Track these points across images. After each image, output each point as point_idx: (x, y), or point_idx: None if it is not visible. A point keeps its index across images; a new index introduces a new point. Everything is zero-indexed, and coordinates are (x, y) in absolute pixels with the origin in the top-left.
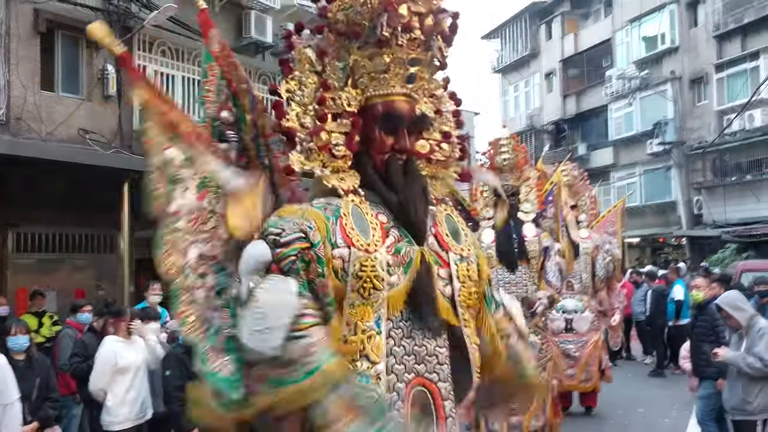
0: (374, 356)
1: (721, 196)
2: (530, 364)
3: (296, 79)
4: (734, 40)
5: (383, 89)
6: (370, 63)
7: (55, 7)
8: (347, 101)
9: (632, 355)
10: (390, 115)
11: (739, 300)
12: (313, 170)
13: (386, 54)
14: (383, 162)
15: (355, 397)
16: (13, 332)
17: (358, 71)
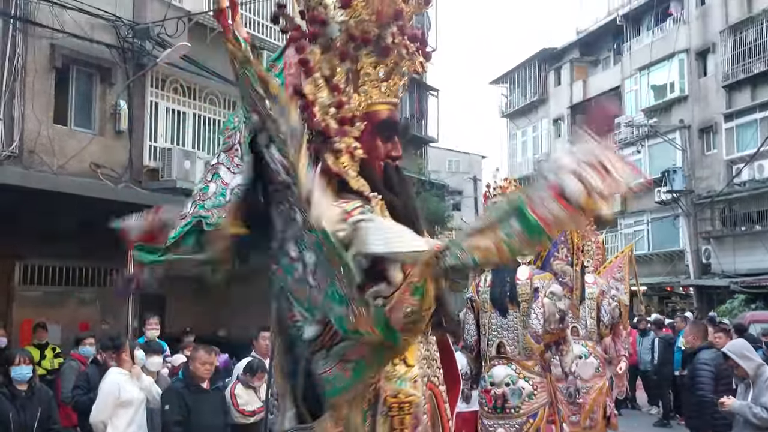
0: (411, 359)
1: (730, 246)
2: None
3: (314, 81)
4: (744, 91)
5: (383, 97)
6: (374, 71)
7: (72, 43)
8: (357, 106)
9: (637, 404)
10: (389, 123)
11: (746, 349)
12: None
13: (388, 63)
14: (380, 168)
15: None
16: (17, 362)
17: (362, 78)
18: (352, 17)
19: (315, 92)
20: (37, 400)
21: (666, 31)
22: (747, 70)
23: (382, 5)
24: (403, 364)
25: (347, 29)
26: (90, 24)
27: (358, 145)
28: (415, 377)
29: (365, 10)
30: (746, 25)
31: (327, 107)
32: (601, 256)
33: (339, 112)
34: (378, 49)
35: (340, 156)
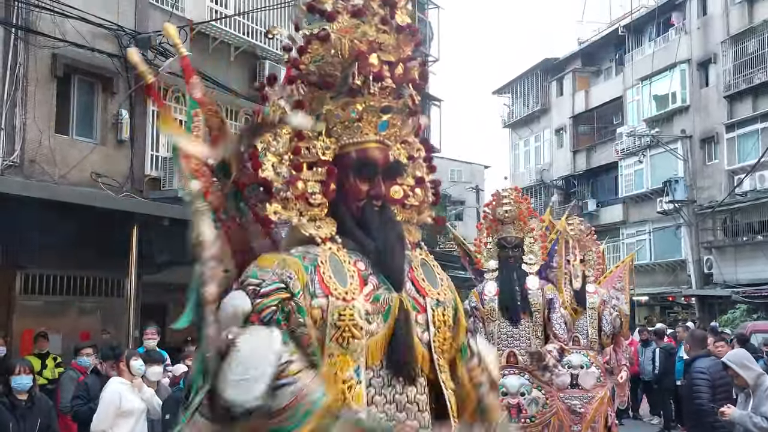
0: (356, 406)
1: (732, 256)
2: (497, 415)
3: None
4: (745, 101)
5: (357, 137)
6: (343, 112)
7: (73, 52)
8: (322, 150)
9: (639, 414)
10: (364, 162)
11: (747, 359)
12: (290, 219)
13: (359, 103)
14: (359, 209)
15: (359, 420)
16: (17, 371)
17: (331, 120)
18: (312, 61)
19: (269, 141)
20: (37, 410)
21: (668, 41)
22: (748, 80)
23: (342, 46)
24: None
25: (307, 74)
26: (92, 33)
27: (316, 190)
28: None
29: (326, 52)
30: (747, 36)
31: (282, 155)
32: (602, 266)
33: (296, 159)
34: (344, 90)
35: (288, 204)
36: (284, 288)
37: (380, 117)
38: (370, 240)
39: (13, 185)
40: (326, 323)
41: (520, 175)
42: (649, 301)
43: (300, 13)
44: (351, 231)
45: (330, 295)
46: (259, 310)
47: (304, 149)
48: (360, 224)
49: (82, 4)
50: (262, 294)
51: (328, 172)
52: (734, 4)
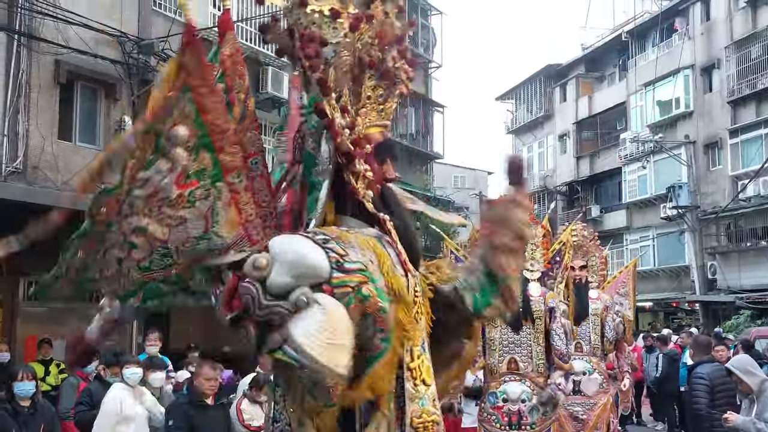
0: (429, 379)
1: (736, 262)
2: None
3: (329, 102)
4: (749, 106)
5: (380, 120)
6: (374, 93)
7: (76, 59)
8: (364, 127)
9: (642, 420)
10: (386, 145)
11: (750, 365)
12: (363, 193)
13: (385, 86)
14: (378, 191)
15: None
16: (20, 378)
17: (363, 100)
18: (357, 40)
19: (332, 113)
20: (39, 417)
21: (671, 47)
22: (752, 85)
23: (383, 28)
24: (423, 384)
25: (354, 52)
26: (94, 40)
27: (368, 168)
28: (434, 396)
29: (368, 33)
30: (751, 41)
31: (343, 128)
32: (605, 272)
33: (352, 134)
34: (378, 72)
35: (357, 179)
36: (364, 270)
37: (395, 102)
38: (395, 219)
39: (17, 192)
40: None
41: None
42: (652, 306)
43: None
44: (379, 211)
45: (409, 273)
46: (336, 285)
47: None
48: (385, 205)
49: (85, 11)
50: (345, 269)
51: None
52: (738, 9)
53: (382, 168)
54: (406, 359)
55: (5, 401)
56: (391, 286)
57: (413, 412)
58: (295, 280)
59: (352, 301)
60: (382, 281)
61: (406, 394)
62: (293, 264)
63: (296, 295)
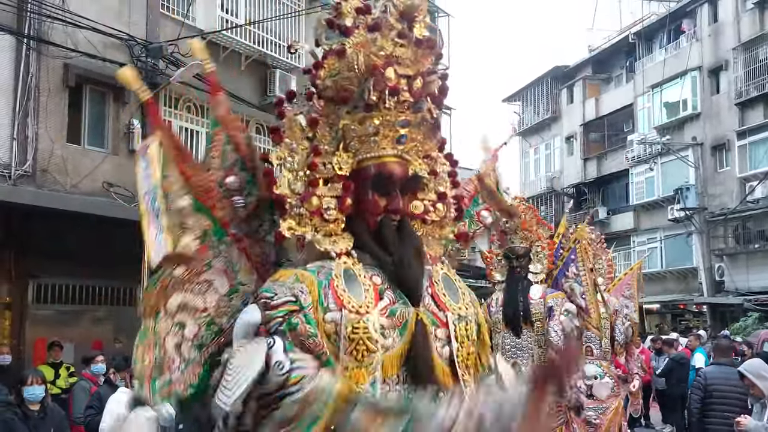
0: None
1: (744, 264)
2: None
3: (287, 146)
4: (756, 108)
5: (374, 152)
6: (360, 127)
7: (85, 62)
8: (338, 165)
9: (651, 423)
10: (381, 177)
11: (763, 368)
12: (304, 235)
13: (375, 117)
14: (376, 223)
15: (376, 402)
16: (29, 382)
17: (348, 135)
18: (327, 76)
19: (284, 157)
20: (49, 420)
21: (678, 48)
22: (760, 87)
23: (358, 61)
24: None
25: (322, 90)
26: (103, 43)
27: (331, 206)
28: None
29: (342, 67)
30: (759, 43)
31: (297, 171)
32: (611, 274)
33: (311, 175)
34: (361, 104)
35: (302, 220)
36: (294, 301)
37: (397, 131)
38: (386, 254)
39: (26, 195)
40: (340, 336)
41: (530, 183)
42: (660, 308)
43: (320, 28)
44: (367, 245)
45: (344, 308)
46: (267, 321)
47: (320, 165)
48: (377, 239)
49: (94, 15)
50: (272, 306)
51: (344, 187)
52: (745, 11)
53: (383, 200)
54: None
55: (15, 405)
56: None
57: None
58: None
59: (286, 329)
60: (310, 308)
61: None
62: (237, 334)
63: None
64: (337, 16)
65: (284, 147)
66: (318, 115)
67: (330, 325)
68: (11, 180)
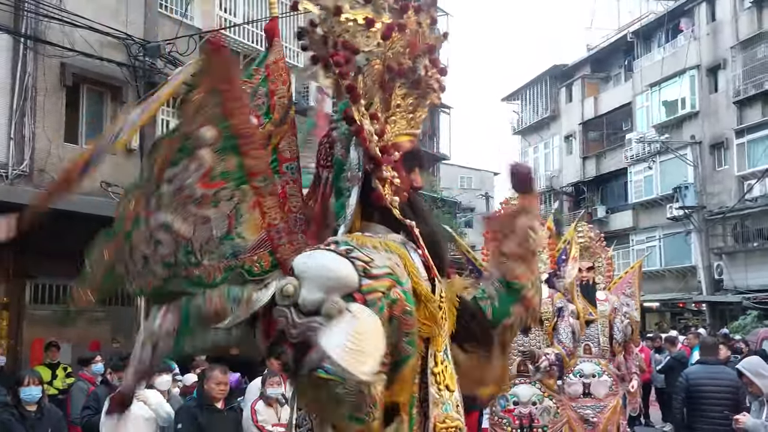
0: (452, 385)
1: (743, 262)
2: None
3: (358, 109)
4: (755, 106)
5: (409, 128)
6: (404, 102)
7: (82, 61)
8: (392, 135)
9: (650, 421)
10: (415, 153)
11: (761, 367)
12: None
13: (414, 95)
14: (406, 198)
15: None
16: (26, 383)
17: (392, 109)
18: (389, 48)
19: (361, 119)
20: (47, 421)
21: (677, 47)
22: (758, 85)
23: (416, 38)
24: (447, 389)
25: (385, 60)
26: (100, 42)
27: (396, 175)
28: (457, 402)
29: (400, 42)
30: (757, 41)
31: (372, 135)
32: (611, 273)
33: (380, 141)
34: (409, 81)
35: (384, 185)
36: (391, 274)
37: (425, 111)
38: (423, 226)
39: (23, 194)
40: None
41: None
42: (659, 307)
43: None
44: (408, 218)
45: (436, 278)
46: (366, 292)
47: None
48: (413, 212)
49: (91, 14)
50: (372, 275)
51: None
52: (743, 9)
53: (410, 176)
54: (430, 364)
55: (12, 406)
56: (416, 289)
57: (436, 417)
58: (326, 293)
59: (384, 306)
60: (409, 284)
61: (430, 399)
62: (320, 279)
63: (326, 305)
64: None
65: (357, 109)
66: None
67: (430, 296)
68: (8, 180)
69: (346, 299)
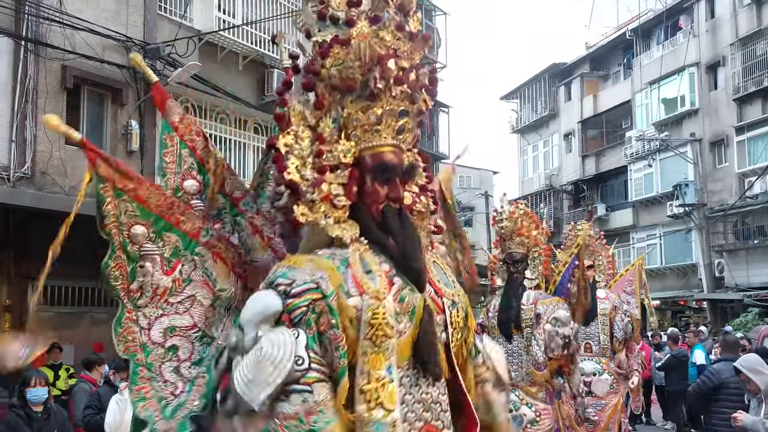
0: (389, 404)
1: (743, 259)
2: (501, 412)
3: (292, 133)
4: (754, 103)
5: (376, 140)
6: (363, 115)
7: (83, 64)
8: (343, 153)
9: (652, 419)
10: (385, 165)
11: (759, 363)
12: (317, 222)
13: (378, 107)
14: (378, 211)
15: None
16: (33, 384)
17: (350, 124)
18: (333, 65)
19: (292, 144)
20: (53, 422)
21: (676, 44)
22: (758, 82)
23: (364, 50)
24: (381, 407)
25: (328, 78)
26: (101, 45)
27: (340, 193)
28: (394, 421)
29: (347, 57)
30: (756, 38)
31: (305, 158)
32: (612, 271)
33: (319, 162)
34: (365, 93)
35: (313, 206)
36: (316, 288)
37: (398, 121)
38: (392, 241)
39: (25, 197)
40: (360, 322)
41: (529, 180)
42: (660, 305)
43: (309, 20)
44: (373, 232)
45: (364, 294)
46: (290, 310)
47: (326, 152)
48: (381, 226)
49: (91, 16)
50: (294, 294)
51: (350, 174)
52: (743, 6)
53: (384, 188)
54: (359, 382)
55: (18, 407)
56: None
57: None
58: (261, 327)
59: (311, 320)
60: (334, 297)
61: (357, 418)
62: (251, 318)
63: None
64: (325, 8)
65: (290, 134)
66: (321, 101)
67: (352, 311)
68: (10, 182)
69: (278, 324)
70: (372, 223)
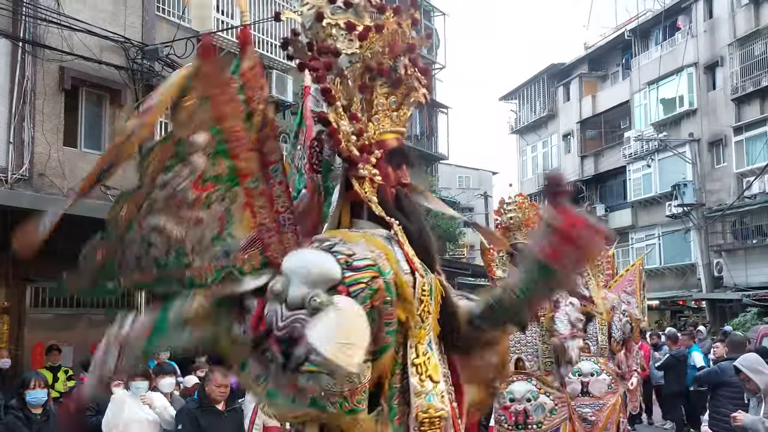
0: (436, 376)
1: (742, 259)
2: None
3: (335, 110)
4: (753, 104)
5: (394, 126)
6: (386, 101)
7: (81, 65)
8: (373, 134)
9: (652, 419)
10: (401, 151)
11: (758, 363)
12: (369, 197)
13: (398, 93)
14: (393, 194)
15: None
16: (33, 386)
17: (375, 107)
18: (367, 49)
19: (338, 120)
20: (52, 424)
21: (674, 45)
22: (756, 82)
23: (395, 38)
24: (429, 380)
25: (364, 61)
26: (99, 46)
27: (377, 172)
28: (442, 392)
29: (378, 43)
30: (754, 38)
31: (348, 135)
32: (611, 271)
33: (359, 140)
34: (391, 80)
35: (363, 183)
36: (374, 266)
37: (410, 110)
38: (409, 223)
39: (23, 199)
40: (414, 298)
41: (528, 180)
42: (659, 305)
43: (320, 2)
44: (393, 214)
45: (416, 272)
46: (349, 284)
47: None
48: (397, 209)
49: (89, 18)
50: (355, 267)
51: (384, 155)
52: (741, 6)
53: (395, 173)
54: (410, 355)
55: (17, 409)
56: (396, 281)
57: (419, 407)
58: (311, 288)
59: (367, 296)
60: (392, 275)
61: (411, 389)
62: (305, 275)
63: (310, 299)
64: None
65: (334, 110)
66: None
67: (409, 289)
68: (8, 184)
69: (331, 292)
70: (392, 206)
